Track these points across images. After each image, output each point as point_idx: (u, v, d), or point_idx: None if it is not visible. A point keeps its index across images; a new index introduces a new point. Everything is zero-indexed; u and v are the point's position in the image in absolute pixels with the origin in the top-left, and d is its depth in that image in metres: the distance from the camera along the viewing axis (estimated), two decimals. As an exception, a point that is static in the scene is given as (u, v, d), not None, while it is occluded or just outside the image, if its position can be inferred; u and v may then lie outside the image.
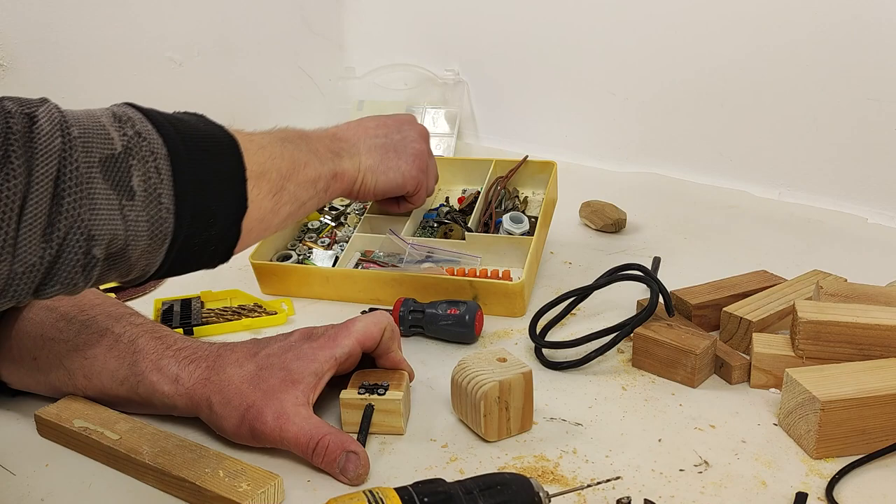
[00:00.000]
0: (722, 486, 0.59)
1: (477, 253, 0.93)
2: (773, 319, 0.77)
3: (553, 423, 0.67)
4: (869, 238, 1.07)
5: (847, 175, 1.14)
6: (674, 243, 1.05)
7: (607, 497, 0.58)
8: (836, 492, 0.58)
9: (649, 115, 1.35)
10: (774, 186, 1.22)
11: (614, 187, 1.24)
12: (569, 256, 1.01)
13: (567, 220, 1.11)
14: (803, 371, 0.64)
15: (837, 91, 1.13)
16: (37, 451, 0.65)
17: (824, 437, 0.61)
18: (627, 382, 0.73)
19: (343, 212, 1.06)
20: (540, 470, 0.61)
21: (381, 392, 0.65)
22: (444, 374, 0.69)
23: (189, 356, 0.65)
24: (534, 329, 0.79)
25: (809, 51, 1.14)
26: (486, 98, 1.58)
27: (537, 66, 1.47)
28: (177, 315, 0.85)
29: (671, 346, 0.72)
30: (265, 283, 0.93)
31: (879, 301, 0.73)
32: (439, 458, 0.63)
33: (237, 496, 0.55)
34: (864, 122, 1.11)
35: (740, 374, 0.72)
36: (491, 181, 1.02)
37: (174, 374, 0.64)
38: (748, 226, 1.12)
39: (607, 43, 1.36)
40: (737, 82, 1.23)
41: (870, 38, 1.08)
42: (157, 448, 0.61)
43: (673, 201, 1.21)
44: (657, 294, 0.75)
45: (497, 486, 0.52)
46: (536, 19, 1.45)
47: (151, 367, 0.64)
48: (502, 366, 0.65)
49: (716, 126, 1.27)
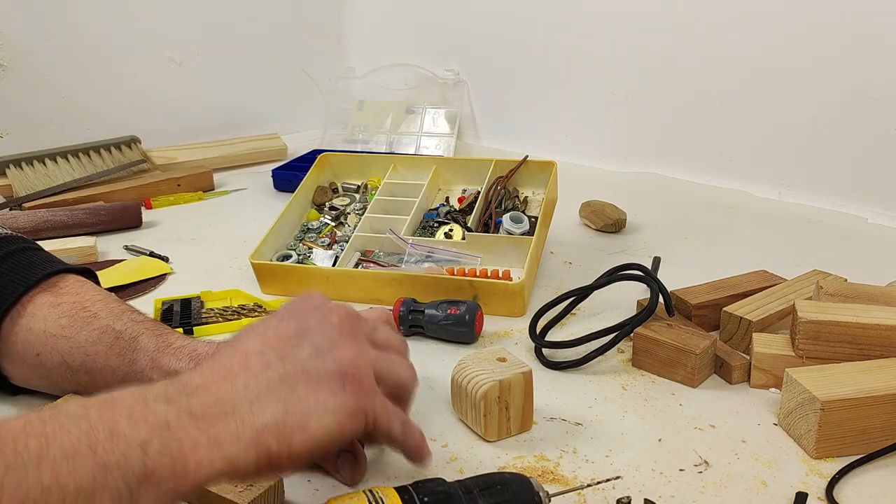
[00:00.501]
0: (722, 485, 0.59)
1: (477, 253, 0.93)
2: (773, 319, 0.77)
3: (553, 423, 0.67)
4: (869, 238, 1.07)
5: (847, 175, 1.15)
6: (674, 243, 1.05)
7: (607, 497, 0.58)
8: (836, 492, 0.58)
9: (649, 115, 1.35)
10: (774, 186, 1.22)
11: (614, 187, 1.24)
12: (569, 256, 1.01)
13: (567, 220, 1.11)
14: (803, 371, 0.64)
15: (837, 91, 1.13)
16: (37, 451, 0.64)
17: (824, 437, 0.61)
18: (627, 382, 0.73)
19: (343, 212, 1.06)
20: (540, 470, 0.61)
21: None
22: (444, 374, 0.69)
23: (189, 354, 0.65)
24: (534, 329, 0.80)
25: (809, 51, 1.14)
26: (486, 98, 1.58)
27: (537, 66, 1.47)
28: (177, 315, 0.85)
29: (671, 345, 0.72)
30: (265, 283, 0.93)
31: (879, 301, 0.73)
32: (439, 457, 0.63)
33: (237, 496, 0.55)
34: (863, 122, 1.11)
35: (740, 374, 0.72)
36: (491, 181, 1.02)
37: (174, 372, 0.64)
38: (748, 226, 1.12)
39: (607, 43, 1.36)
40: (737, 82, 1.23)
41: (870, 38, 1.08)
42: (156, 448, 0.61)
43: (673, 201, 1.22)
44: (657, 294, 0.75)
45: (497, 486, 0.52)
46: (536, 19, 1.45)
47: (152, 365, 0.64)
48: (502, 365, 0.65)
49: (716, 126, 1.27)
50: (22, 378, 0.69)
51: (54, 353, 0.66)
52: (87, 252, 1.04)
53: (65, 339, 0.66)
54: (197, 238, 1.12)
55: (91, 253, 1.04)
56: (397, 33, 1.70)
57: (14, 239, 0.72)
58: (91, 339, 0.66)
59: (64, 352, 0.66)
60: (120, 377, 0.65)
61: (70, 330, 0.66)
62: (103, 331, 0.66)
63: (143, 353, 0.65)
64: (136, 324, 0.67)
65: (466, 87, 1.58)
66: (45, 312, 0.67)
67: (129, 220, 1.16)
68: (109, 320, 0.67)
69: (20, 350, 0.67)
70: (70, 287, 0.69)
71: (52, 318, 0.67)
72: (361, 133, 1.57)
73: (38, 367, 0.67)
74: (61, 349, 0.66)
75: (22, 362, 0.68)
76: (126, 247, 1.08)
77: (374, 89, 1.65)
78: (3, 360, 0.68)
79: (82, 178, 1.28)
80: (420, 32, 1.65)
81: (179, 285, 0.96)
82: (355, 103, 1.62)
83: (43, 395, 0.69)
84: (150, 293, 0.94)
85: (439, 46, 1.61)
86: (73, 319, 0.67)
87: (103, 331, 0.66)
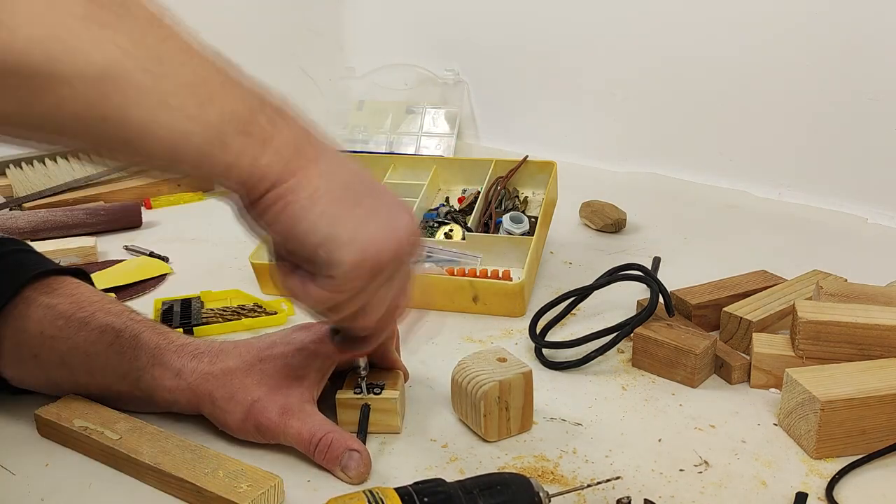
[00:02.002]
0: (722, 486, 0.59)
1: (477, 253, 0.93)
2: (773, 319, 0.77)
3: (553, 423, 0.67)
4: (869, 238, 1.07)
5: (847, 175, 1.14)
6: (674, 243, 1.05)
7: (607, 497, 0.58)
8: (836, 492, 0.58)
9: (649, 115, 1.35)
10: (774, 186, 1.22)
11: (614, 187, 1.24)
12: (569, 256, 1.01)
13: (567, 220, 1.11)
14: (803, 371, 0.64)
15: (837, 91, 1.13)
16: (37, 451, 0.64)
17: (824, 437, 0.61)
18: (627, 382, 0.73)
19: (343, 212, 1.06)
20: (540, 470, 0.61)
21: (377, 391, 0.65)
22: (444, 374, 0.69)
23: (191, 351, 0.65)
24: (534, 329, 0.79)
25: (809, 51, 1.14)
26: (486, 98, 1.58)
27: (537, 65, 1.47)
28: (177, 315, 0.85)
29: (671, 346, 0.72)
30: (265, 283, 0.93)
31: (879, 301, 0.73)
32: (439, 458, 0.63)
33: (237, 497, 0.55)
34: (863, 122, 1.11)
35: (740, 374, 0.72)
36: (491, 181, 1.02)
37: (176, 369, 0.64)
38: (748, 226, 1.12)
39: (607, 43, 1.36)
40: (737, 82, 1.23)
41: (869, 38, 1.08)
42: (157, 448, 0.61)
43: (673, 201, 1.22)
44: (657, 294, 0.75)
45: (497, 487, 0.52)
46: (536, 19, 1.45)
47: (153, 362, 0.64)
48: (502, 366, 0.65)
49: (716, 126, 1.27)
50: (20, 379, 0.69)
51: (53, 355, 0.66)
52: (87, 252, 1.04)
53: (63, 341, 0.66)
54: (197, 238, 1.12)
55: (91, 253, 1.04)
56: (397, 33, 1.70)
57: (5, 241, 0.72)
58: (90, 340, 0.65)
59: (62, 352, 0.66)
60: (120, 375, 0.65)
61: (67, 331, 0.66)
62: (102, 330, 0.66)
63: (144, 351, 0.65)
64: (135, 323, 0.67)
65: (466, 87, 1.58)
66: (40, 314, 0.67)
67: (129, 220, 1.16)
68: (108, 319, 0.67)
69: (18, 353, 0.67)
70: (65, 288, 0.69)
71: (48, 319, 0.66)
72: (361, 133, 1.57)
73: (36, 368, 0.67)
74: (60, 350, 0.66)
75: (19, 364, 0.67)
76: (126, 247, 1.08)
77: (374, 89, 1.65)
78: (2, 363, 0.68)
79: (82, 178, 1.28)
80: (420, 32, 1.65)
81: (179, 285, 0.96)
82: (355, 103, 1.61)
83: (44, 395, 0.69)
84: (150, 293, 0.94)
85: (439, 46, 1.61)
86: (69, 321, 0.66)
87: (102, 330, 0.66)
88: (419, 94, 1.61)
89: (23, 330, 0.66)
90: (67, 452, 0.64)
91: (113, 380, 0.65)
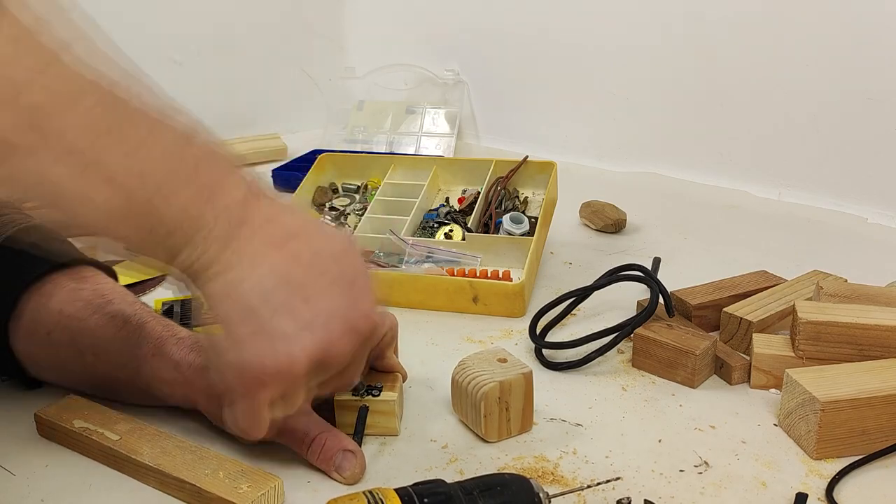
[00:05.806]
0: (722, 486, 0.59)
1: (477, 253, 0.93)
2: (773, 320, 0.77)
3: (553, 424, 0.67)
4: (869, 238, 1.07)
5: (847, 175, 1.14)
6: (674, 243, 1.05)
7: (607, 497, 0.58)
8: (836, 492, 0.58)
9: (649, 115, 1.35)
10: (774, 186, 1.22)
11: (614, 187, 1.24)
12: (569, 257, 1.01)
13: (567, 220, 1.11)
14: (803, 371, 0.64)
15: (837, 91, 1.13)
16: (37, 451, 0.65)
17: (824, 438, 0.61)
18: (627, 383, 0.73)
19: (343, 212, 1.06)
20: (540, 470, 0.61)
21: (376, 393, 0.65)
22: (444, 374, 0.69)
23: (191, 345, 0.66)
24: (534, 329, 0.79)
25: (809, 51, 1.14)
26: (486, 98, 1.58)
27: (537, 66, 1.47)
28: (177, 315, 0.85)
29: (671, 346, 0.72)
30: (265, 284, 0.92)
31: (879, 301, 0.73)
32: (439, 458, 0.63)
33: (237, 498, 0.55)
34: (863, 122, 1.11)
35: (740, 374, 0.72)
36: (491, 181, 1.02)
37: (175, 361, 0.64)
38: (748, 226, 1.12)
39: (607, 43, 1.36)
40: (737, 82, 1.23)
41: (869, 38, 1.08)
42: (157, 449, 0.61)
43: (673, 201, 1.22)
44: (657, 294, 0.75)
45: (497, 487, 0.52)
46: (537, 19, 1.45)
47: (154, 351, 0.65)
48: (503, 366, 0.65)
49: (716, 126, 1.27)
50: (29, 354, 0.70)
51: (65, 334, 0.67)
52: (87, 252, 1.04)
53: (77, 321, 0.67)
54: (197, 238, 1.12)
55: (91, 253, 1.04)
56: (397, 33, 1.70)
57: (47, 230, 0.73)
58: (101, 324, 0.67)
59: (74, 331, 0.67)
60: (123, 361, 0.66)
61: (84, 312, 0.68)
62: (113, 315, 0.67)
63: (147, 339, 0.66)
64: (145, 313, 0.69)
65: (466, 87, 1.58)
66: (64, 295, 0.68)
67: (129, 220, 1.16)
68: (122, 307, 0.69)
69: (32, 327, 0.68)
70: (93, 277, 0.71)
71: (70, 300, 0.68)
72: (361, 133, 1.57)
73: (48, 345, 0.68)
74: (72, 329, 0.67)
75: (32, 339, 0.69)
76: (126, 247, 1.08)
77: (374, 89, 1.65)
78: (16, 338, 0.69)
79: (82, 178, 1.28)
80: (420, 32, 1.65)
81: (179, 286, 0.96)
82: (355, 103, 1.61)
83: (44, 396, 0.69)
84: (150, 293, 0.94)
85: (439, 46, 1.61)
86: (87, 304, 0.68)
87: (113, 315, 0.67)
88: (419, 94, 1.61)
89: (43, 306, 0.68)
90: (67, 453, 0.64)
91: (115, 366, 0.67)
